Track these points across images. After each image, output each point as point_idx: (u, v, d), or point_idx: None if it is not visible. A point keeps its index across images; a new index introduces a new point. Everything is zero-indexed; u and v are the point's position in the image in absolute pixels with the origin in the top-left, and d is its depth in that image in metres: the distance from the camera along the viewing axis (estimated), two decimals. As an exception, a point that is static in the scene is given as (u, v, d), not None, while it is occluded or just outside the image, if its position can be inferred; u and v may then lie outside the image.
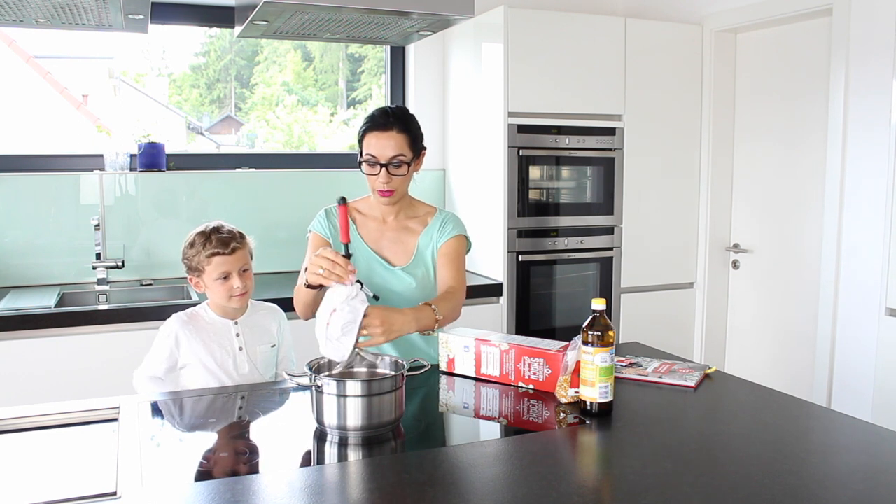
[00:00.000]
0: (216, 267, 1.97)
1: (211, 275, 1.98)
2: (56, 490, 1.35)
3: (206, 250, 1.97)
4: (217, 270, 1.97)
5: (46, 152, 3.34)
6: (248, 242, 2.06)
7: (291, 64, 4.24)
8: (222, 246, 1.97)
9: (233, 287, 1.98)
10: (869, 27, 2.81)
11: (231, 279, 1.98)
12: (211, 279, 1.98)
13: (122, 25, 2.60)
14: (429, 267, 2.08)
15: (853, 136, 2.91)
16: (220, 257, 1.97)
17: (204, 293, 2.07)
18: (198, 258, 1.98)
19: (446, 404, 1.84)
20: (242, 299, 2.02)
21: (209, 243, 1.98)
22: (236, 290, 1.98)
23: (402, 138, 1.95)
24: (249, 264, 2.04)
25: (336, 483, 1.35)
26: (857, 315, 2.93)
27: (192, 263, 2.00)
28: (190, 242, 2.02)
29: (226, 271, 1.97)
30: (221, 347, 2.01)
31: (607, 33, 3.41)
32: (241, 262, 2.00)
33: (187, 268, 2.03)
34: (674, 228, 3.65)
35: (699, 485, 1.30)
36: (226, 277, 1.98)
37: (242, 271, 2.00)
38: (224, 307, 2.03)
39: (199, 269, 1.99)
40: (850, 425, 1.62)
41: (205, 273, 1.99)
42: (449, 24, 2.59)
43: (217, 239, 1.98)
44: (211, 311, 2.05)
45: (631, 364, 2.03)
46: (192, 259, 2.00)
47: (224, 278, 1.98)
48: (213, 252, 1.97)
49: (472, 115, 3.54)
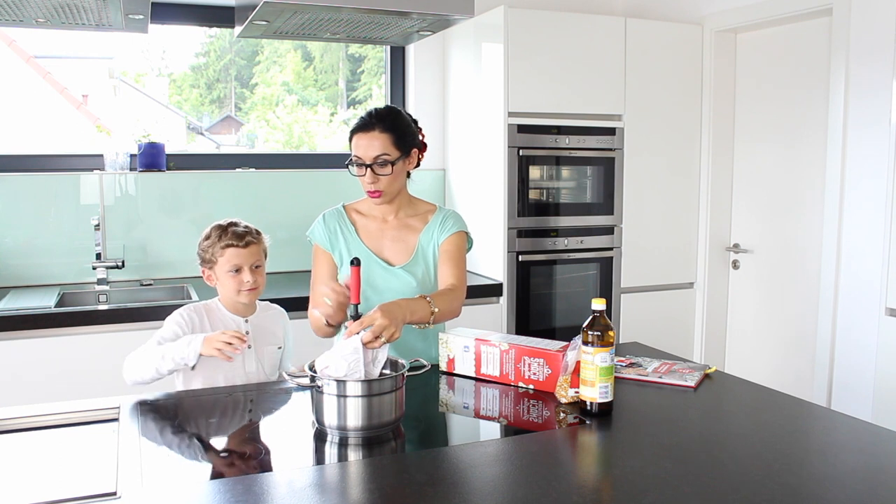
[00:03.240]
0: (229, 259, 1.99)
1: (223, 267, 2.00)
2: (56, 490, 1.35)
3: (220, 242, 2.00)
4: (229, 262, 1.99)
5: (46, 152, 3.34)
6: (263, 240, 2.08)
7: (291, 64, 4.24)
8: (237, 239, 2.00)
9: (243, 281, 1.99)
10: (869, 27, 2.81)
11: (242, 273, 2.00)
12: (223, 271, 2.00)
13: (122, 25, 2.60)
14: (429, 265, 2.09)
15: (853, 136, 2.91)
16: (234, 249, 1.99)
17: (215, 288, 2.08)
18: (212, 249, 2.01)
19: (446, 404, 1.84)
20: (252, 294, 2.03)
21: (225, 235, 2.01)
22: (246, 283, 1.99)
23: (385, 137, 1.97)
24: (262, 262, 2.06)
25: (336, 483, 1.35)
26: (857, 315, 2.93)
27: (207, 255, 2.02)
28: (206, 235, 2.05)
29: (238, 264, 1.99)
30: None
31: (607, 33, 3.41)
32: (253, 258, 2.02)
33: (201, 260, 2.05)
34: (674, 228, 3.65)
35: (699, 485, 1.30)
36: (237, 271, 1.99)
37: (255, 267, 2.02)
38: (234, 303, 2.04)
39: (212, 260, 2.01)
40: (850, 425, 1.62)
41: (217, 265, 2.01)
42: (449, 24, 2.59)
43: (233, 232, 2.01)
44: (222, 307, 2.06)
45: (631, 364, 2.03)
46: (206, 250, 2.02)
47: (236, 271, 1.99)
48: (228, 244, 1.99)
49: (472, 115, 3.54)
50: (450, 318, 1.98)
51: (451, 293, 1.98)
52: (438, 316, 1.88)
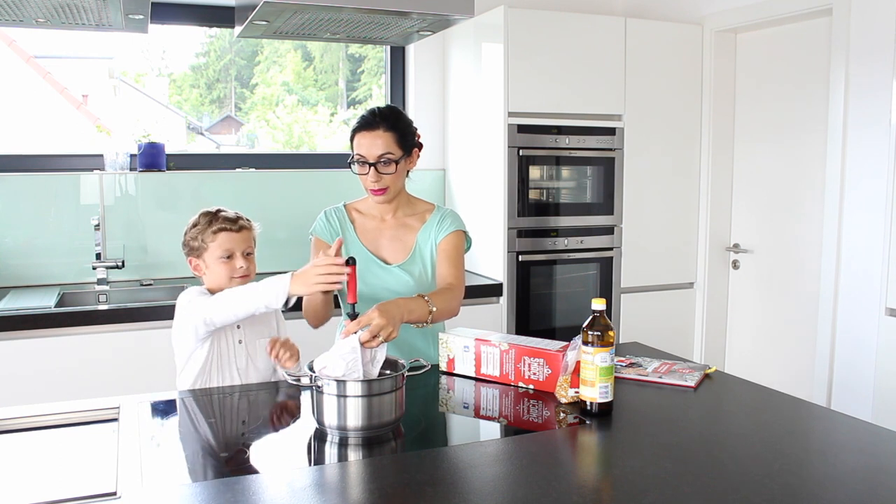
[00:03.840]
0: (221, 243, 1.93)
1: (214, 252, 1.93)
2: (56, 490, 1.35)
3: (212, 226, 1.94)
4: (221, 248, 1.93)
5: (46, 152, 3.34)
6: (254, 227, 2.03)
7: (291, 64, 4.24)
8: (230, 223, 1.95)
9: (235, 267, 1.94)
10: (869, 27, 2.81)
11: (235, 259, 1.94)
12: (214, 257, 1.94)
13: (122, 25, 2.60)
14: (426, 264, 2.09)
15: (853, 136, 2.91)
16: (227, 233, 1.94)
17: (202, 278, 2.00)
18: (202, 236, 1.94)
19: (446, 404, 1.84)
20: (243, 282, 1.95)
21: (216, 220, 1.95)
22: (239, 269, 1.94)
23: (389, 136, 1.97)
24: (253, 249, 2.01)
25: (336, 483, 1.35)
26: (857, 315, 2.92)
27: (195, 243, 1.96)
28: (193, 222, 1.98)
29: (230, 249, 1.94)
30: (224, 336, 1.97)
31: (607, 33, 3.41)
32: (245, 244, 1.98)
33: (188, 249, 1.98)
34: (674, 228, 3.65)
35: (699, 485, 1.30)
36: (229, 257, 1.94)
37: (246, 254, 1.97)
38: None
39: (201, 247, 1.95)
40: (850, 425, 1.62)
41: (207, 251, 1.94)
42: (449, 24, 2.59)
43: (224, 217, 1.96)
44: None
45: (631, 364, 2.03)
46: (195, 237, 1.96)
47: (227, 257, 1.94)
48: (221, 228, 1.94)
49: (472, 115, 3.54)
50: (448, 317, 1.97)
51: (449, 292, 1.98)
52: (436, 315, 1.88)
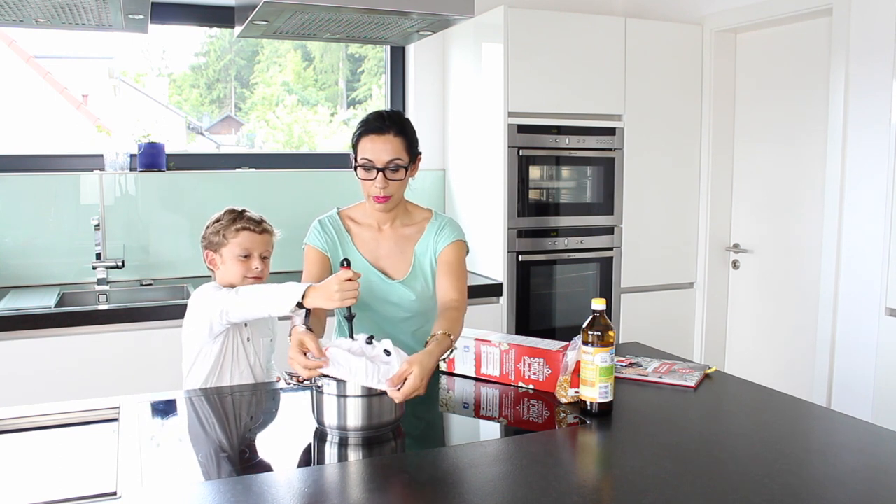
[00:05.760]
0: (241, 242, 1.97)
1: (233, 250, 1.97)
2: (56, 490, 1.35)
3: (236, 224, 1.98)
4: (241, 246, 1.97)
5: (46, 152, 3.34)
6: (275, 233, 2.08)
7: (291, 64, 4.24)
8: (253, 223, 2.00)
9: (251, 267, 1.97)
10: (869, 27, 2.81)
11: (252, 259, 1.98)
12: (232, 254, 1.97)
13: (122, 25, 2.60)
14: (427, 277, 2.01)
15: (853, 136, 2.91)
16: (249, 233, 1.98)
17: (214, 273, 2.03)
18: (224, 231, 1.98)
19: (446, 404, 1.84)
20: (255, 283, 1.98)
21: (240, 218, 2.00)
22: (254, 270, 1.97)
23: (398, 142, 1.89)
24: (270, 254, 2.05)
25: (336, 483, 1.35)
26: (857, 315, 2.92)
27: (216, 238, 1.99)
28: (217, 217, 2.02)
29: (249, 249, 1.97)
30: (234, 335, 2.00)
31: (607, 33, 3.41)
32: (264, 246, 2.01)
33: (207, 243, 2.01)
34: (674, 228, 3.65)
35: (699, 485, 1.30)
36: (247, 256, 1.97)
37: (263, 257, 2.01)
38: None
39: (221, 243, 1.98)
40: (850, 425, 1.63)
41: (226, 247, 1.97)
42: (449, 24, 2.59)
43: (248, 217, 2.01)
44: None
45: (631, 364, 2.03)
46: (217, 232, 1.99)
47: (245, 256, 1.97)
48: (244, 227, 1.98)
49: (472, 116, 3.54)
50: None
51: (459, 316, 1.88)
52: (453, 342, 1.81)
